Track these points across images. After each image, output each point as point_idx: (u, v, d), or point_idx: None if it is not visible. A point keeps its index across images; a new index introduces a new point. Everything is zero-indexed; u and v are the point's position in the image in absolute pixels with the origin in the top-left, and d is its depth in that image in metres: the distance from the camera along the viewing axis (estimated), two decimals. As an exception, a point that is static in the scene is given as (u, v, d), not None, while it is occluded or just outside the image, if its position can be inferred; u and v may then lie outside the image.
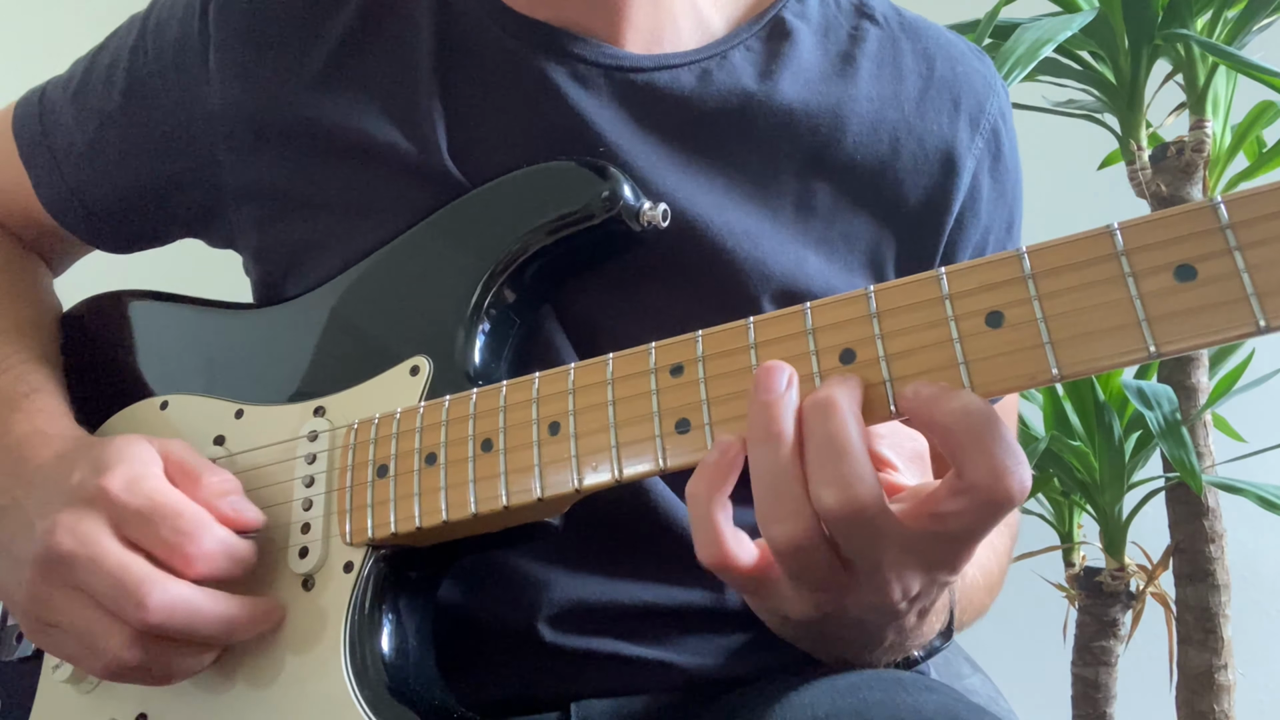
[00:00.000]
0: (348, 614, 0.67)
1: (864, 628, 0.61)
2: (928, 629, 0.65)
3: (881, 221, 0.80)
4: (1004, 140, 0.85)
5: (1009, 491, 0.48)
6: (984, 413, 0.48)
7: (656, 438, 0.57)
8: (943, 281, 0.51)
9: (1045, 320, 0.48)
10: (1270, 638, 1.98)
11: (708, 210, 0.75)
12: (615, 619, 0.74)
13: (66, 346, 0.89)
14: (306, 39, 0.81)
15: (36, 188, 0.90)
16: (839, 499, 0.49)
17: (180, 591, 0.62)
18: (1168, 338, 0.45)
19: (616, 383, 0.60)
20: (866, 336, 0.52)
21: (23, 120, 0.92)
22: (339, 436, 0.71)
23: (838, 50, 0.82)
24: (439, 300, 0.74)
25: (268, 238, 0.83)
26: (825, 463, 0.50)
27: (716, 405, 0.56)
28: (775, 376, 0.52)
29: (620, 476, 0.58)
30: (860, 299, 0.53)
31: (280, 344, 0.80)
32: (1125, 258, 0.46)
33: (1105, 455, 1.58)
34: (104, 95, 0.87)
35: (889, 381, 0.51)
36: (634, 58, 0.78)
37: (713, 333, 0.58)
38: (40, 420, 0.75)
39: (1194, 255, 0.45)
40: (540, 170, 0.74)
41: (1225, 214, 0.45)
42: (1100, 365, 0.46)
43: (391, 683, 0.65)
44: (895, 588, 0.54)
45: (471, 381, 0.70)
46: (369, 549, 0.68)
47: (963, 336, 0.50)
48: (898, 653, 0.66)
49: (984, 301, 0.49)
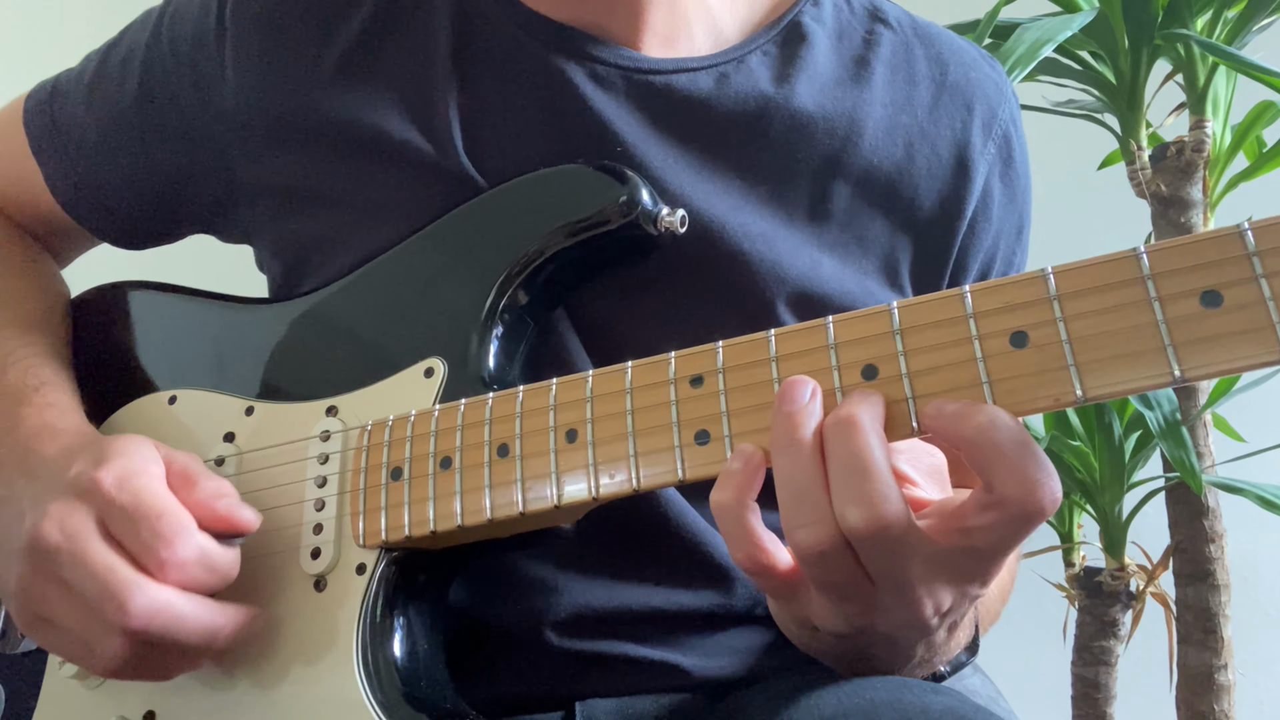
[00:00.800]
0: (360, 616, 0.66)
1: (894, 645, 0.60)
2: (955, 644, 0.65)
3: (896, 225, 0.80)
4: (1015, 145, 0.85)
5: (1040, 504, 0.48)
6: (1010, 427, 0.48)
7: (676, 448, 0.57)
8: (967, 300, 0.51)
9: (1070, 342, 0.48)
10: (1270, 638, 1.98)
11: (723, 212, 0.75)
12: (621, 622, 0.74)
13: (74, 336, 0.88)
14: (323, 35, 0.81)
15: (48, 180, 0.90)
16: (864, 518, 0.49)
17: (161, 597, 0.61)
18: (1193, 364, 0.45)
19: (635, 392, 0.59)
20: (889, 353, 0.52)
21: (34, 113, 0.91)
22: (352, 437, 0.71)
23: (852, 55, 0.83)
24: (454, 302, 0.73)
25: (282, 232, 0.83)
26: (849, 482, 0.49)
27: (736, 417, 0.55)
28: (799, 389, 0.52)
29: (638, 486, 0.58)
30: (883, 315, 0.53)
31: (292, 341, 0.79)
32: (1151, 281, 0.46)
33: (1105, 455, 1.58)
34: (118, 88, 0.87)
35: (911, 399, 0.51)
36: (652, 60, 0.78)
37: (733, 344, 0.57)
38: (50, 415, 0.75)
39: (1220, 281, 0.45)
40: (557, 173, 0.74)
41: (1252, 240, 0.45)
42: (1124, 389, 0.46)
43: (404, 686, 0.65)
44: (927, 603, 0.54)
45: (485, 385, 0.70)
46: (382, 551, 0.67)
47: (986, 356, 0.49)
48: (925, 669, 0.66)
49: (1008, 321, 0.49)
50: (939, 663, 0.67)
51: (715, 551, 0.75)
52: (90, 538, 0.62)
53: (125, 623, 0.60)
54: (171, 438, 0.77)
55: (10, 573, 0.65)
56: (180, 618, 0.61)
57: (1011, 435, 0.48)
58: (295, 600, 0.69)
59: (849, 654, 0.64)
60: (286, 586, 0.69)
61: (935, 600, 0.54)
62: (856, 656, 0.64)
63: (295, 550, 0.70)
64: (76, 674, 0.73)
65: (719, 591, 0.76)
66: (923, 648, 0.62)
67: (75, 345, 0.87)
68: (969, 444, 0.49)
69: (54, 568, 0.62)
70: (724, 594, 0.76)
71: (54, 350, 0.84)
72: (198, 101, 0.84)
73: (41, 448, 0.71)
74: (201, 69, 0.83)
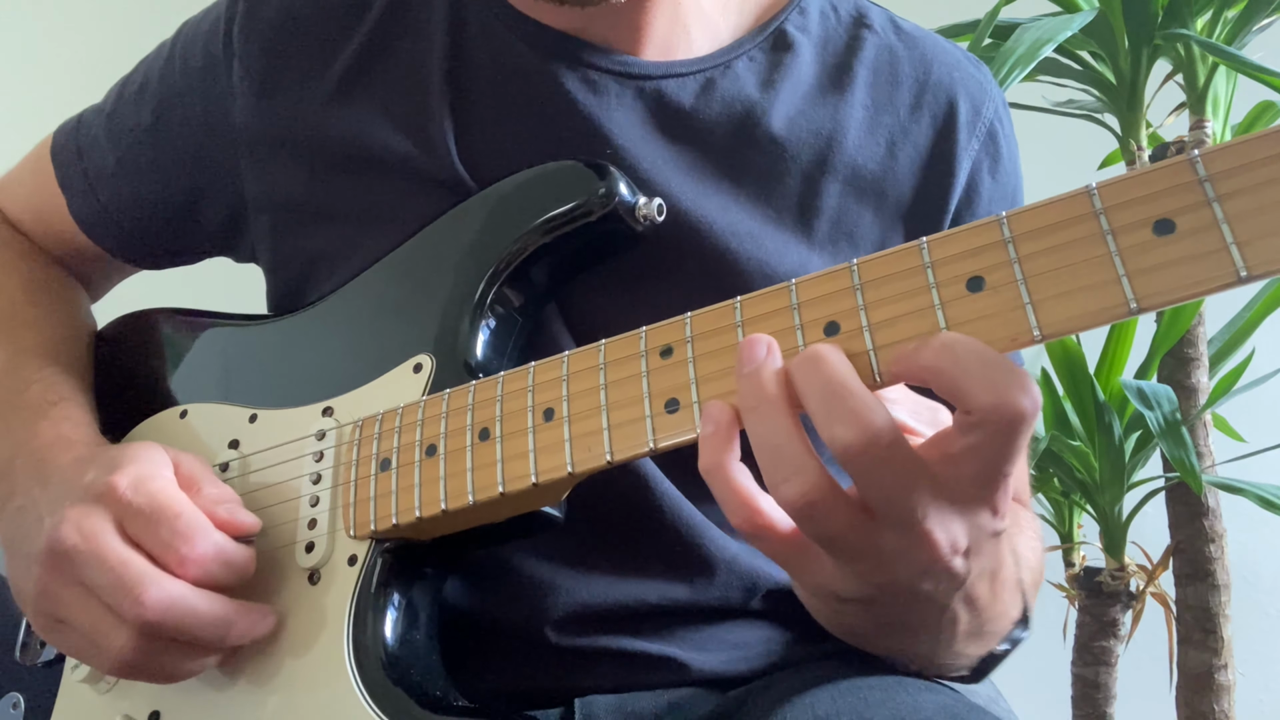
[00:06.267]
0: (350, 606, 0.65)
1: (928, 603, 0.54)
2: (1002, 607, 0.59)
3: (885, 222, 0.79)
4: (1002, 142, 0.84)
5: (1017, 407, 0.44)
6: (967, 343, 0.45)
7: (646, 418, 0.55)
8: (924, 250, 0.49)
9: (1025, 281, 0.45)
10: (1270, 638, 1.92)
11: (711, 212, 0.74)
12: (620, 619, 0.72)
13: (99, 363, 0.88)
14: (325, 54, 0.81)
15: (70, 207, 0.91)
16: (854, 431, 0.45)
17: (177, 591, 0.60)
18: (1148, 291, 0.42)
19: (609, 367, 0.58)
20: (850, 308, 0.50)
21: (60, 145, 0.92)
22: (345, 433, 0.70)
23: (835, 61, 0.82)
24: (443, 300, 0.72)
25: (283, 248, 0.83)
26: (832, 405, 0.46)
27: (704, 384, 0.53)
28: (754, 348, 0.50)
29: (612, 458, 0.56)
30: (844, 272, 0.51)
31: (292, 351, 0.79)
32: (1103, 215, 0.44)
33: (1105, 455, 1.54)
34: (135, 115, 0.88)
35: (873, 350, 0.48)
36: (643, 65, 0.78)
37: (701, 314, 0.56)
38: (65, 427, 0.75)
39: (1173, 209, 0.42)
40: (540, 171, 0.73)
41: (1203, 167, 0.42)
42: (1081, 323, 0.43)
43: (391, 672, 0.63)
44: (939, 538, 0.48)
45: (474, 377, 0.68)
46: (373, 542, 0.66)
47: (944, 302, 0.47)
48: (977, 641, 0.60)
49: (965, 267, 0.47)
50: (990, 631, 0.60)
51: (711, 546, 0.73)
52: (108, 536, 0.62)
53: (141, 614, 0.59)
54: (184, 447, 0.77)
55: (29, 577, 0.65)
56: (194, 611, 0.61)
57: (969, 348, 0.45)
58: (292, 595, 0.68)
59: (882, 626, 0.59)
60: (284, 582, 0.68)
61: (949, 535, 0.48)
62: (893, 628, 0.59)
63: (291, 546, 0.69)
64: (87, 677, 0.72)
65: (716, 586, 0.74)
66: (963, 606, 0.55)
67: (101, 371, 0.88)
68: (931, 372, 0.45)
69: (72, 569, 0.62)
70: (721, 588, 0.74)
71: (74, 370, 0.84)
72: (208, 122, 0.84)
73: (55, 457, 0.71)
74: (211, 89, 0.84)
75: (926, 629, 0.58)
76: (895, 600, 0.53)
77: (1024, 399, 0.44)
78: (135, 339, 0.89)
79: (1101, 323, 0.43)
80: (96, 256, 0.93)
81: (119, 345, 0.90)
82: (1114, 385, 1.53)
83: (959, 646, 0.60)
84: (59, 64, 2.44)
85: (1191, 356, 1.50)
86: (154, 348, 0.87)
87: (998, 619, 0.60)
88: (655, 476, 0.72)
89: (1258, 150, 0.41)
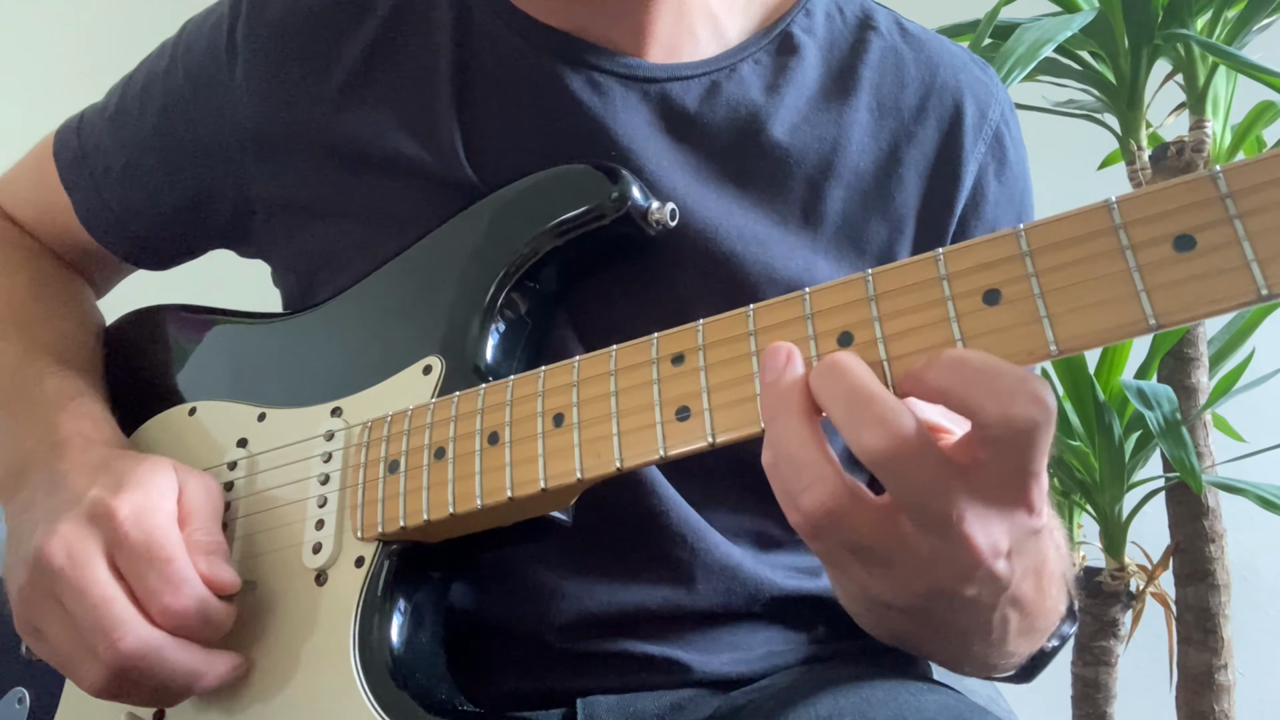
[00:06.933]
0: (357, 607, 0.64)
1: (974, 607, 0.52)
2: (1050, 603, 0.58)
3: (891, 225, 0.78)
4: (1008, 144, 0.83)
5: (1027, 417, 0.43)
6: (970, 358, 0.44)
7: (657, 425, 0.54)
8: (940, 262, 0.48)
9: (1042, 295, 0.45)
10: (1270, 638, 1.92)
11: (717, 215, 0.74)
12: (623, 623, 0.72)
13: (108, 359, 0.88)
14: (330, 55, 0.80)
15: (76, 209, 0.90)
16: (882, 437, 0.44)
17: (154, 641, 0.60)
18: (1167, 307, 0.42)
19: (620, 373, 0.57)
20: (864, 319, 0.49)
21: (63, 145, 0.91)
22: (354, 435, 0.69)
23: (840, 65, 0.81)
24: (453, 302, 0.72)
25: (293, 248, 0.82)
26: (858, 412, 0.45)
27: (716, 392, 0.53)
28: (774, 357, 0.49)
29: (622, 465, 0.55)
30: (858, 282, 0.50)
31: (301, 350, 0.78)
32: (1123, 230, 0.43)
33: (1105, 455, 1.53)
34: (139, 116, 0.87)
35: (886, 361, 0.48)
36: (649, 67, 0.77)
37: (713, 321, 0.55)
38: (85, 425, 0.74)
39: (1193, 225, 0.42)
40: (552, 173, 0.72)
41: (1224, 184, 0.42)
42: (1099, 338, 0.43)
43: (397, 674, 0.62)
44: (980, 541, 0.47)
45: (483, 379, 0.68)
46: (380, 544, 0.65)
47: (960, 315, 0.47)
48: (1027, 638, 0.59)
49: (981, 280, 0.46)
50: (1040, 628, 0.59)
51: (715, 552, 0.73)
52: (95, 566, 0.61)
53: (114, 658, 0.60)
54: (192, 445, 0.79)
55: (17, 577, 0.65)
56: (166, 662, 0.61)
57: (973, 363, 0.44)
58: (299, 595, 0.67)
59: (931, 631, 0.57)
60: (291, 583, 0.68)
61: (990, 537, 0.47)
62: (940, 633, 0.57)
63: (298, 546, 0.68)
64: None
65: (719, 592, 0.73)
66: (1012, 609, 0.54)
67: (109, 366, 0.87)
68: (941, 389, 0.45)
69: (53, 587, 0.62)
70: (724, 595, 0.73)
71: (88, 366, 0.84)
72: (213, 122, 0.83)
73: (70, 455, 0.70)
74: (215, 90, 0.83)
75: (977, 632, 0.56)
76: (941, 607, 0.52)
77: (1033, 408, 0.43)
78: (144, 335, 0.88)
79: (1119, 339, 0.42)
80: (100, 255, 0.93)
81: (128, 341, 0.89)
82: (1114, 385, 1.52)
83: (1011, 646, 0.59)
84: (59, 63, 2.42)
85: (1191, 356, 1.50)
86: (163, 344, 0.87)
87: (1047, 614, 0.59)
88: (659, 482, 0.72)
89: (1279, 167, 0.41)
